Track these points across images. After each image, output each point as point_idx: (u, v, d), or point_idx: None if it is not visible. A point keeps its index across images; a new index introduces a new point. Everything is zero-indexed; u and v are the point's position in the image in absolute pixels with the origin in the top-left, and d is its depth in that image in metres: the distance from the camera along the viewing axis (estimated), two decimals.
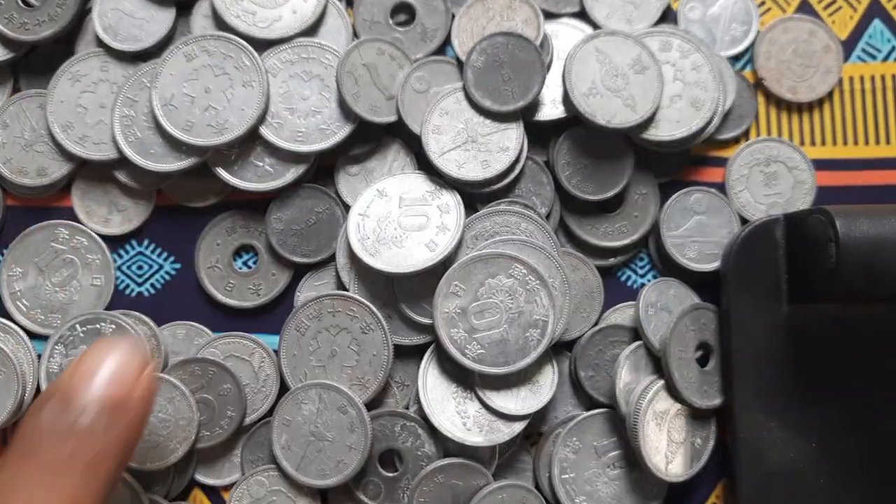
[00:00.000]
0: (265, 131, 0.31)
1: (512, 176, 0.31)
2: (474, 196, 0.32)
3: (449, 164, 0.31)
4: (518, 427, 0.30)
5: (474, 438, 0.30)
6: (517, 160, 0.31)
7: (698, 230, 0.32)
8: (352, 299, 0.31)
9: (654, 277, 0.33)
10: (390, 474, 0.31)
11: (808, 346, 0.30)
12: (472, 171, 0.31)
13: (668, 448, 0.30)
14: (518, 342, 0.29)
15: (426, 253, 0.30)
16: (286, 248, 0.32)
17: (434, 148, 0.31)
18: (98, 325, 0.31)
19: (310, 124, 0.31)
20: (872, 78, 0.34)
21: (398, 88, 0.31)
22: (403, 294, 0.31)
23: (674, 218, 0.32)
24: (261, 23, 0.32)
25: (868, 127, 0.34)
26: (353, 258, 0.31)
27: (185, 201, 0.33)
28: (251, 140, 0.31)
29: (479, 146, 0.31)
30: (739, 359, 0.30)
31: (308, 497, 0.31)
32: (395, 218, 0.31)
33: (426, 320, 0.31)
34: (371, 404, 0.31)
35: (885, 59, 0.34)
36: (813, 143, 0.34)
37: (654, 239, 0.33)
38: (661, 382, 0.30)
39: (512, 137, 0.31)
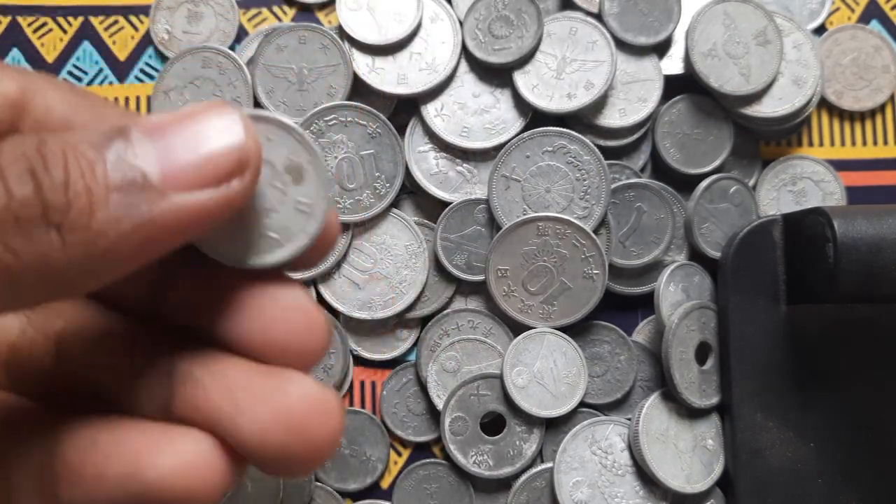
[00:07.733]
0: None
1: (644, 130, 0.32)
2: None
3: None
4: None
5: None
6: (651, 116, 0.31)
7: (721, 216, 0.32)
8: None
9: None
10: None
11: (806, 347, 0.30)
12: (609, 117, 0.31)
13: (681, 462, 0.30)
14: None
15: None
16: None
17: None
18: None
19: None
20: None
21: None
22: None
23: (711, 194, 0.32)
24: None
25: None
26: None
27: None
28: None
29: (617, 93, 0.31)
30: (738, 359, 0.30)
31: None
32: None
33: None
34: None
35: None
36: (843, 144, 0.34)
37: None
38: (650, 400, 0.30)
39: (652, 90, 0.31)
